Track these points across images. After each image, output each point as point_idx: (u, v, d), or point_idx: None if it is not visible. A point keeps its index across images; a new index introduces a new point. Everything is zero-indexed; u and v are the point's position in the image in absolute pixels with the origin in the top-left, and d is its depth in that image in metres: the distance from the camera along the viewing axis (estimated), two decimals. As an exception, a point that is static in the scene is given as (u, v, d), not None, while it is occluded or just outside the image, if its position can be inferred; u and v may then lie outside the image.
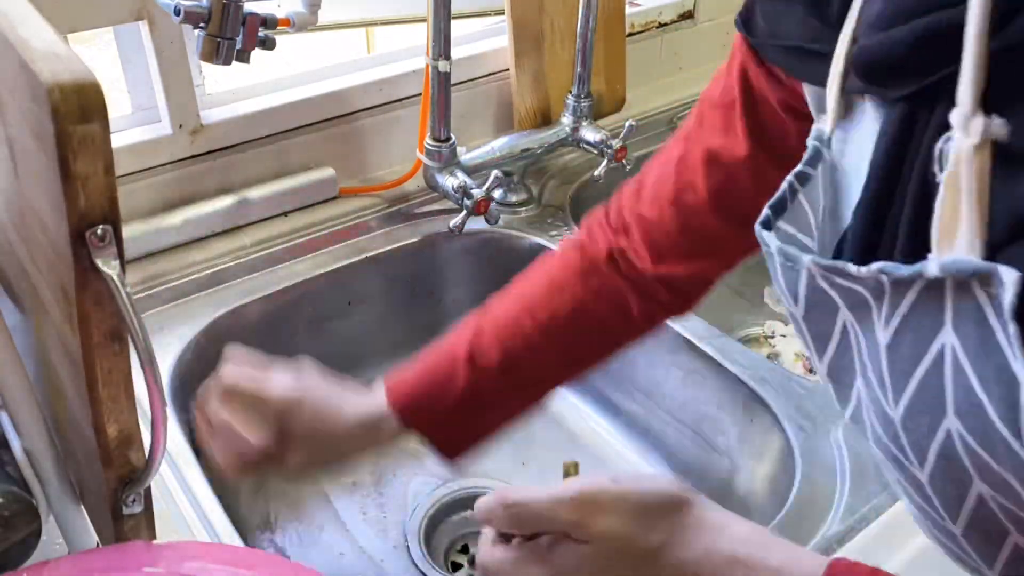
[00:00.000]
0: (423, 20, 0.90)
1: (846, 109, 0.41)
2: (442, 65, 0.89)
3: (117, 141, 0.86)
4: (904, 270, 0.34)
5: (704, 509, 0.46)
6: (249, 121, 0.92)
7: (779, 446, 0.76)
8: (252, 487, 0.88)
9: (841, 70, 0.40)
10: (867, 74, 0.38)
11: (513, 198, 1.02)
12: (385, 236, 0.96)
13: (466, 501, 0.89)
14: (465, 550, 0.85)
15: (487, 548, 0.48)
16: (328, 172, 0.98)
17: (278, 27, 0.81)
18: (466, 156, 0.96)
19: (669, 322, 0.86)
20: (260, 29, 0.78)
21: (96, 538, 0.52)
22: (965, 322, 0.33)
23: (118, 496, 0.44)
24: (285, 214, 0.96)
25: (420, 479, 0.90)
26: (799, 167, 0.42)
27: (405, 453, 0.93)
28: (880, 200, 0.38)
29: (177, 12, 0.73)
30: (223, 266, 0.89)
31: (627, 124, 1.00)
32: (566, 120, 1.04)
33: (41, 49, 0.34)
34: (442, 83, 0.90)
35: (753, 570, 0.43)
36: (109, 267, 0.35)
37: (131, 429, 0.42)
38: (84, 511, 0.52)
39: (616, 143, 1.01)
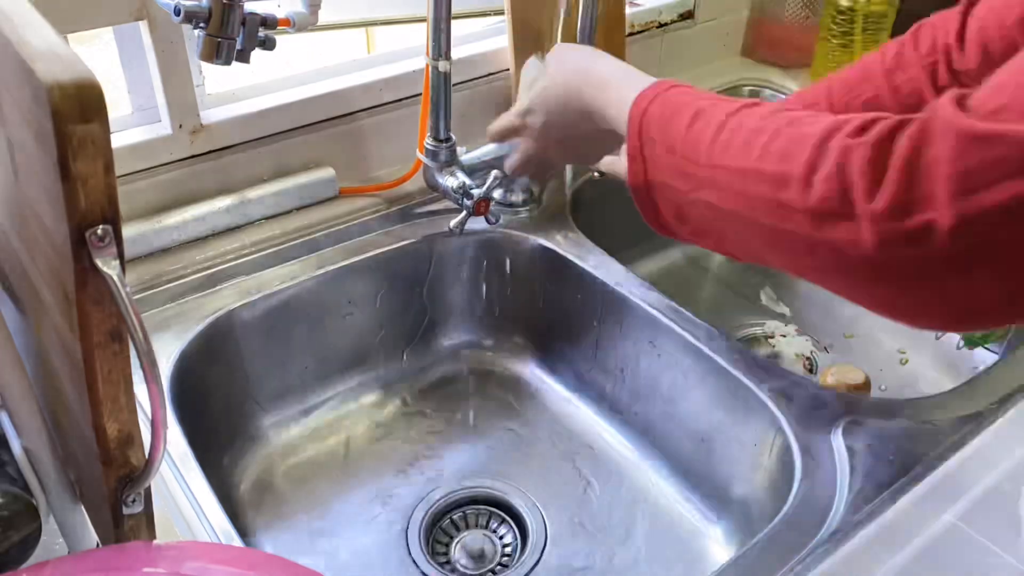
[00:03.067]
0: (423, 20, 0.90)
1: None
2: (442, 65, 0.89)
3: (117, 141, 0.86)
4: None
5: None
6: (249, 121, 0.92)
7: (779, 446, 0.77)
8: (252, 487, 0.88)
9: None
10: None
11: (513, 198, 1.02)
12: (385, 236, 0.96)
13: (465, 502, 0.89)
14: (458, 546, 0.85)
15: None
16: (328, 172, 0.98)
17: (278, 27, 0.81)
18: (466, 156, 0.96)
19: (667, 321, 0.87)
20: (260, 29, 0.78)
21: (96, 538, 0.52)
22: None
23: (118, 496, 0.44)
24: (285, 214, 0.96)
25: (419, 480, 0.90)
26: None
27: (404, 454, 0.93)
28: None
29: (177, 12, 0.73)
30: (223, 266, 0.89)
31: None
32: (566, 120, 1.04)
33: (41, 49, 0.34)
34: (442, 83, 0.90)
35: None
36: (109, 267, 0.35)
37: (131, 429, 0.42)
38: (84, 511, 0.52)
39: (616, 143, 1.01)
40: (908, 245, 0.36)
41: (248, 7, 0.76)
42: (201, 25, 0.74)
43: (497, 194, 0.98)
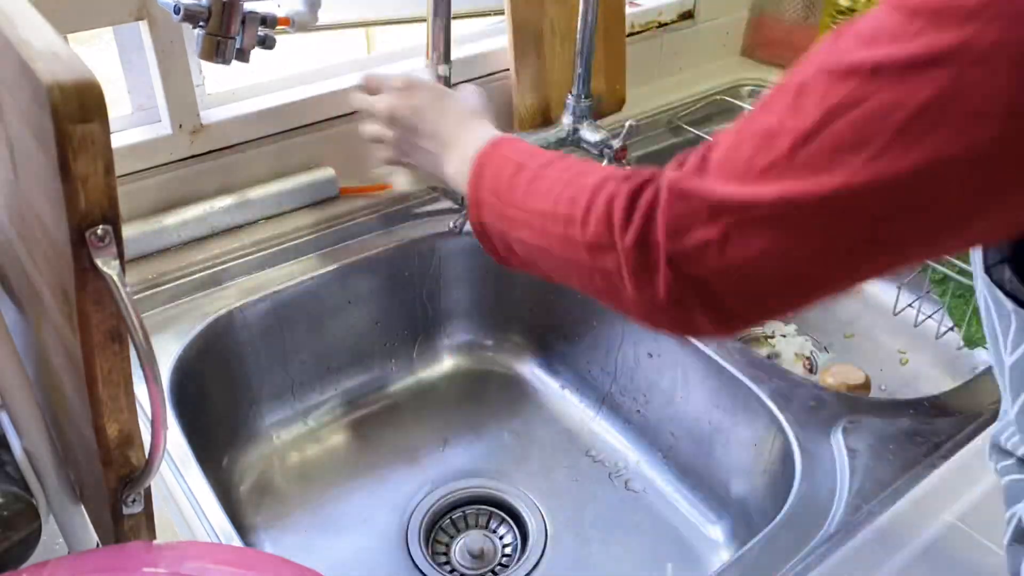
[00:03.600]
0: (423, 20, 0.90)
1: None
2: (441, 69, 0.89)
3: (117, 141, 0.86)
4: None
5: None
6: (249, 121, 0.92)
7: (779, 446, 0.77)
8: (252, 487, 0.88)
9: None
10: None
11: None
12: (385, 236, 0.96)
13: (465, 502, 0.89)
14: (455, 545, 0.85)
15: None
16: (328, 172, 0.98)
17: (278, 26, 0.81)
18: (466, 156, 0.96)
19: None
20: (260, 28, 0.78)
21: (96, 538, 0.52)
22: None
23: (118, 496, 0.44)
24: (285, 214, 0.96)
25: (419, 479, 0.90)
26: None
27: (405, 453, 0.93)
28: None
29: (177, 11, 0.73)
30: (223, 266, 0.89)
31: (627, 124, 1.00)
32: (566, 120, 1.04)
33: (41, 49, 0.34)
34: (442, 84, 0.90)
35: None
36: (109, 267, 0.35)
37: (131, 429, 0.42)
38: (84, 511, 0.52)
39: (616, 143, 1.01)
40: (646, 275, 0.46)
41: (248, 6, 0.76)
42: (201, 24, 0.74)
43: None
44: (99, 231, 0.35)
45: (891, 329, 1.06)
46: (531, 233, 0.56)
